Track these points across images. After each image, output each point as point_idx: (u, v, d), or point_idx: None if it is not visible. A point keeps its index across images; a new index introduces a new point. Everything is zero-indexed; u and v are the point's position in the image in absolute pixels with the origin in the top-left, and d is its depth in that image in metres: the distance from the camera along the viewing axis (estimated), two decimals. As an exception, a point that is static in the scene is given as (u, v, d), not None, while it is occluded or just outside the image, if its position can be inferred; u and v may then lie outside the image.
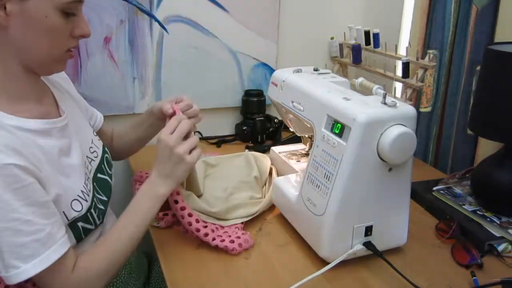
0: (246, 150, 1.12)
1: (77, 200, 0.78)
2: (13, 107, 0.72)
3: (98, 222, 0.83)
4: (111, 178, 0.93)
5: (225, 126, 1.52)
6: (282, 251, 0.90)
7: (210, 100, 1.47)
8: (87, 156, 0.87)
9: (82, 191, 0.79)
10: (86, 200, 0.79)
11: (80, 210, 0.77)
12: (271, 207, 1.03)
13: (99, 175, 0.88)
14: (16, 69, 0.74)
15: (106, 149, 0.95)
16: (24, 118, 0.73)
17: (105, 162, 0.92)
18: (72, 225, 0.76)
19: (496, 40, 1.12)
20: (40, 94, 0.80)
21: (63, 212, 0.74)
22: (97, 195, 0.85)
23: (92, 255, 0.76)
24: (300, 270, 0.83)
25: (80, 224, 0.78)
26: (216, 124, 1.49)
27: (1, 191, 0.64)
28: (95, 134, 0.94)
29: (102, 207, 0.85)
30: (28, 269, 0.67)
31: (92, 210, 0.81)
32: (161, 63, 1.37)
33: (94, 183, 0.86)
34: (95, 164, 0.89)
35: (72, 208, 0.76)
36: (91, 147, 0.89)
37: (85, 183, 0.81)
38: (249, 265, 0.85)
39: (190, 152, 0.84)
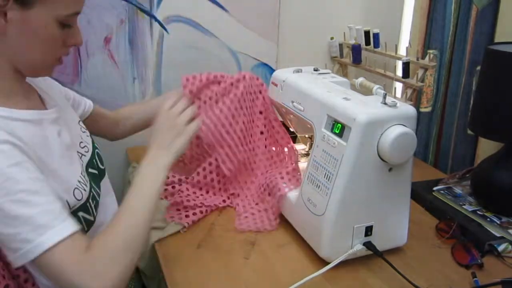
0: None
1: (78, 188, 0.78)
2: (2, 101, 0.73)
3: (95, 214, 0.82)
4: (103, 172, 0.93)
5: (225, 126, 1.52)
6: (282, 251, 0.90)
7: (210, 100, 1.47)
8: (77, 151, 0.86)
9: (79, 181, 0.79)
10: (85, 190, 0.80)
11: (81, 199, 0.78)
12: (271, 207, 1.03)
13: (90, 169, 0.88)
14: (6, 68, 0.75)
15: (95, 145, 0.95)
16: (15, 109, 0.73)
17: (96, 157, 0.92)
18: (74, 214, 0.75)
19: (496, 40, 1.12)
20: (27, 91, 0.81)
21: (66, 200, 0.74)
22: (94, 186, 0.85)
23: (105, 234, 0.71)
24: (300, 270, 0.83)
25: (81, 214, 0.78)
26: (216, 124, 1.49)
27: (3, 166, 0.63)
28: (84, 130, 0.94)
29: (98, 199, 0.85)
30: (43, 242, 0.64)
31: (90, 201, 0.81)
32: (161, 63, 1.37)
33: (89, 177, 0.86)
34: (86, 159, 0.89)
35: (75, 196, 0.76)
36: (81, 142, 0.89)
37: (82, 173, 0.81)
38: (249, 265, 0.85)
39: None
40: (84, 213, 0.79)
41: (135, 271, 1.02)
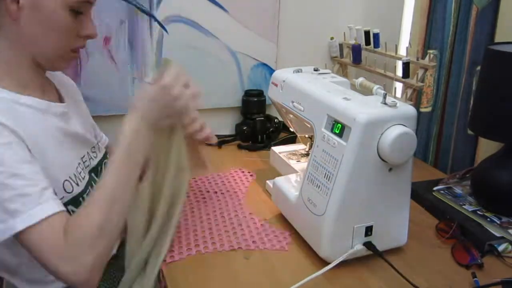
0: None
1: (69, 181, 0.78)
2: (17, 89, 0.75)
3: None
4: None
5: (225, 126, 1.52)
6: (282, 251, 0.89)
7: (210, 100, 1.47)
8: (87, 152, 0.89)
9: (74, 175, 0.80)
10: (78, 185, 0.80)
11: (71, 192, 0.78)
12: (271, 207, 1.03)
13: (92, 174, 0.89)
14: (25, 60, 0.76)
15: (107, 156, 0.96)
16: (24, 95, 0.75)
17: (103, 166, 0.93)
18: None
19: (496, 40, 1.12)
20: (45, 86, 0.83)
21: (54, 189, 0.72)
22: (91, 188, 0.85)
23: (82, 210, 0.70)
24: (300, 270, 0.83)
25: (70, 207, 0.77)
26: (216, 124, 1.49)
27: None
28: (99, 144, 0.95)
29: None
30: (14, 225, 0.64)
31: (83, 197, 0.81)
32: (161, 63, 1.37)
33: (90, 179, 0.86)
34: (93, 162, 0.90)
35: (64, 188, 0.77)
36: (93, 147, 0.91)
37: (77, 169, 0.82)
38: (249, 265, 0.85)
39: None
40: (74, 207, 0.78)
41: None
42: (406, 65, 1.26)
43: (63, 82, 0.92)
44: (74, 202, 0.79)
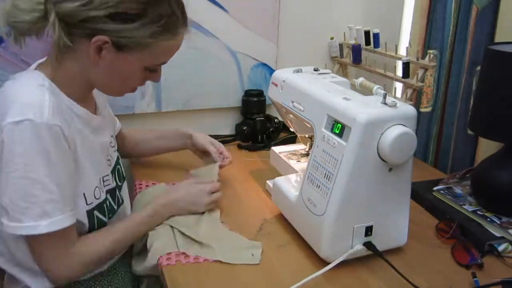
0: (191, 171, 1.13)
1: (98, 187, 0.85)
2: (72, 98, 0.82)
3: (108, 217, 0.88)
4: (119, 187, 0.98)
5: (225, 126, 1.52)
6: (282, 251, 0.90)
7: (210, 100, 1.47)
8: (108, 157, 0.95)
9: (102, 180, 0.88)
10: (103, 192, 0.87)
11: (99, 198, 0.85)
12: (271, 207, 1.03)
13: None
14: (83, 82, 0.82)
15: (119, 160, 1.01)
16: (76, 104, 0.82)
17: (116, 172, 0.97)
18: (89, 212, 0.83)
19: (496, 40, 1.12)
20: (88, 100, 0.89)
21: (84, 194, 0.81)
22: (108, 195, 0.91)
23: (93, 238, 0.83)
24: (300, 270, 0.83)
25: (95, 213, 0.84)
26: (216, 124, 1.49)
27: (42, 145, 0.71)
28: (113, 145, 0.99)
29: (114, 205, 0.92)
30: (39, 226, 0.72)
31: (107, 202, 0.88)
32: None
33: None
34: (112, 163, 0.96)
35: (94, 195, 0.84)
36: (108, 155, 0.95)
37: (103, 175, 0.89)
38: (249, 265, 0.85)
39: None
40: (99, 213, 0.86)
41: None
42: (406, 65, 1.26)
43: (97, 91, 0.95)
44: (99, 208, 0.85)
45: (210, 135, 1.21)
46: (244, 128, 1.43)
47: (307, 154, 1.16)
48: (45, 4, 0.74)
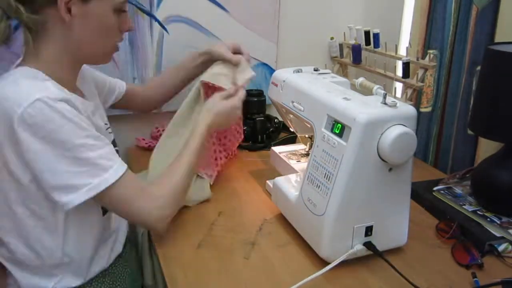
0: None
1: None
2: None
3: None
4: None
5: (225, 126, 1.52)
6: (282, 251, 0.90)
7: (210, 100, 1.47)
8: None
9: None
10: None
11: None
12: (271, 207, 1.03)
13: None
14: (66, 60, 0.82)
15: (115, 142, 1.00)
16: (70, 95, 0.81)
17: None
18: None
19: (496, 40, 1.12)
20: (75, 89, 0.88)
21: None
22: None
23: (165, 175, 0.88)
24: (300, 270, 0.83)
25: None
26: (216, 124, 1.49)
27: (68, 115, 0.73)
28: (108, 127, 0.99)
29: None
30: (106, 179, 0.75)
31: None
32: (161, 63, 1.37)
33: None
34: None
35: None
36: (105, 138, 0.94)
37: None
38: (249, 265, 0.85)
39: None
40: None
41: (138, 267, 1.03)
42: (406, 65, 1.26)
43: (81, 80, 0.94)
44: None
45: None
46: (244, 128, 1.43)
47: (307, 154, 1.15)
48: None
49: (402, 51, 1.35)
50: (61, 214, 0.80)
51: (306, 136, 1.16)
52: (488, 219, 0.96)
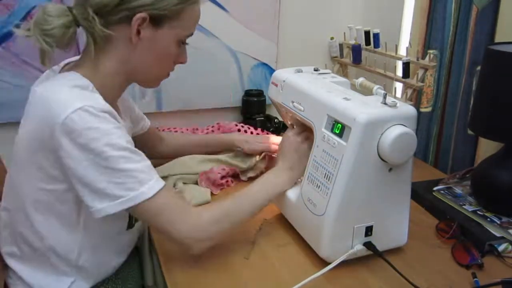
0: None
1: None
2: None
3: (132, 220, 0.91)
4: None
5: (225, 126, 1.52)
6: (282, 251, 0.90)
7: (210, 100, 1.47)
8: None
9: None
10: None
11: None
12: (271, 207, 1.03)
13: None
14: (118, 78, 0.84)
15: None
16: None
17: None
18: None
19: (496, 40, 1.12)
20: (115, 106, 0.89)
21: None
22: None
23: (215, 203, 0.88)
24: (300, 270, 0.83)
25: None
26: (216, 124, 1.49)
27: (110, 125, 0.73)
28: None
29: None
30: (144, 192, 0.74)
31: None
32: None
33: None
34: None
35: None
36: None
37: None
38: (249, 265, 0.85)
39: None
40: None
41: (139, 267, 1.03)
42: (406, 65, 1.26)
43: (121, 100, 0.95)
44: None
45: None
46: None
47: (307, 154, 1.15)
48: (75, 7, 0.77)
49: (402, 51, 1.35)
50: (86, 221, 0.81)
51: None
52: (488, 219, 0.96)
